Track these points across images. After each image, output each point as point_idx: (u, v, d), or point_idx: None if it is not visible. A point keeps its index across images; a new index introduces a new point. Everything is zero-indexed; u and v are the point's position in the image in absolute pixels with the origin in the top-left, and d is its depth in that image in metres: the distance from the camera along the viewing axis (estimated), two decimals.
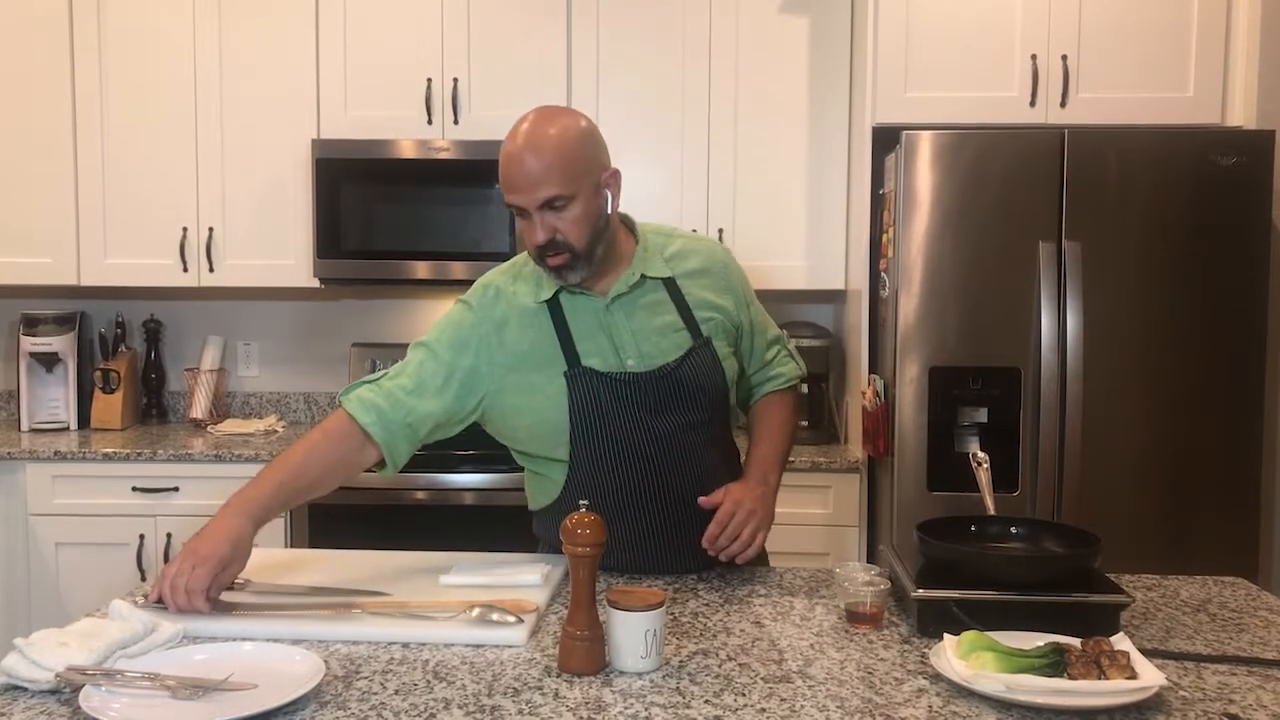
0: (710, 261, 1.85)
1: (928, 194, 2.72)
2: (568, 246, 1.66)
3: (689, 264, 1.82)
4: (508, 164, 1.64)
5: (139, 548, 3.05)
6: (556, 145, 1.63)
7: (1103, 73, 2.91)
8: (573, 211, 1.64)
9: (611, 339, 1.73)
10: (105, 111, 3.33)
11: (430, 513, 3.03)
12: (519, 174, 1.63)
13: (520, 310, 1.75)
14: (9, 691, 1.26)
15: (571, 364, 1.71)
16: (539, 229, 1.65)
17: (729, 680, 1.31)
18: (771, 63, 3.28)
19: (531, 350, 1.73)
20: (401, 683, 1.30)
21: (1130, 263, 2.71)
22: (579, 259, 1.67)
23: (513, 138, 1.65)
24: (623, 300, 1.75)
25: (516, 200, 1.65)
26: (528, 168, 1.62)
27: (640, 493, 1.74)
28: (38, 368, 3.46)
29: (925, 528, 1.59)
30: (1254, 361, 2.71)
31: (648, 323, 1.75)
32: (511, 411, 1.75)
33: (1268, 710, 1.23)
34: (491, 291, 1.78)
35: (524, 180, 1.62)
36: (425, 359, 1.74)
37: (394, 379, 1.73)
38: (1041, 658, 1.26)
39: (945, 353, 2.73)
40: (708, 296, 1.81)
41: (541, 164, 1.62)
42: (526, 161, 1.62)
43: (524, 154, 1.62)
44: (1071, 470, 2.70)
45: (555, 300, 1.74)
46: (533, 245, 1.67)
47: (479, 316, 1.76)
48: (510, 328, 1.74)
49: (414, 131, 3.28)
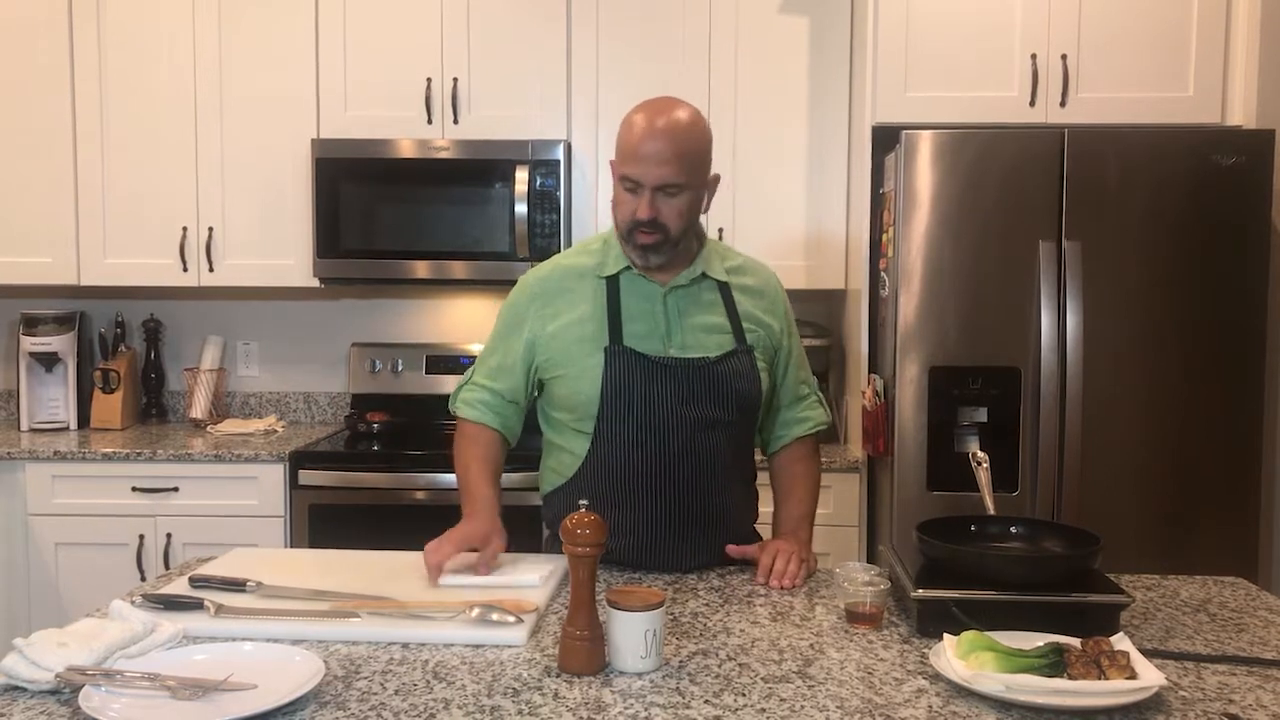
0: (765, 284, 1.93)
1: (928, 194, 2.72)
2: (664, 230, 1.73)
3: (746, 279, 1.90)
4: (639, 138, 1.70)
5: (139, 548, 3.05)
6: (689, 136, 1.71)
7: (1102, 72, 2.91)
8: (681, 200, 1.73)
9: (659, 326, 1.79)
10: (105, 111, 3.33)
11: (430, 513, 3.03)
12: (649, 150, 1.69)
13: (579, 282, 1.83)
14: (9, 692, 1.26)
15: (614, 340, 1.77)
16: (647, 205, 1.71)
17: (729, 680, 1.31)
18: (771, 63, 3.28)
19: (579, 321, 1.80)
20: (401, 683, 1.30)
21: (1130, 263, 2.71)
22: (667, 244, 1.75)
23: (648, 115, 1.71)
24: (680, 292, 1.82)
25: (635, 173, 1.71)
26: (659, 148, 1.69)
27: (655, 478, 1.77)
28: (38, 368, 3.46)
29: (925, 528, 1.59)
30: (1254, 361, 2.71)
31: (697, 318, 1.81)
32: (551, 375, 1.83)
33: (1268, 710, 1.23)
34: (549, 267, 1.89)
35: (651, 158, 1.69)
36: (495, 343, 1.88)
37: (480, 371, 1.89)
38: (1041, 658, 1.26)
39: (945, 353, 2.73)
40: (756, 312, 1.87)
41: (672, 149, 1.69)
42: (659, 141, 1.69)
43: (659, 134, 1.69)
44: (1071, 470, 2.70)
45: (615, 279, 1.81)
46: (629, 219, 1.74)
47: (533, 290, 1.86)
48: (565, 297, 1.83)
49: (414, 131, 3.29)
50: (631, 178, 1.72)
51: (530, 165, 3.20)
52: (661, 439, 1.76)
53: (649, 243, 1.75)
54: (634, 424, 1.76)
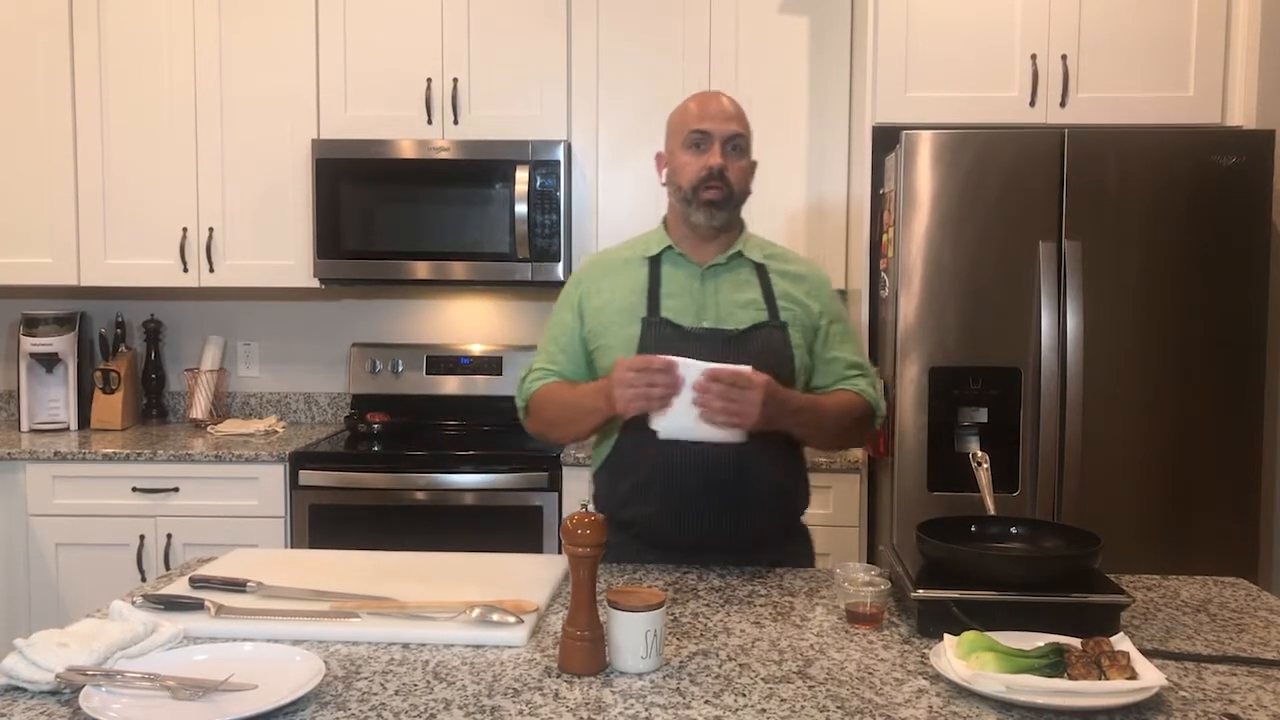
0: (808, 271, 1.98)
1: (928, 194, 2.72)
2: (729, 185, 1.85)
3: (787, 265, 1.96)
4: (703, 100, 1.89)
5: (139, 548, 3.05)
6: (738, 106, 1.91)
7: (1102, 73, 2.92)
8: (744, 160, 1.89)
9: (695, 301, 1.87)
10: (105, 111, 3.33)
11: (430, 513, 3.03)
12: (716, 107, 1.87)
13: (623, 263, 1.94)
14: (9, 692, 1.26)
15: (652, 311, 1.85)
16: (719, 153, 1.84)
17: (729, 680, 1.31)
18: (771, 63, 3.28)
19: (619, 296, 1.90)
20: (401, 683, 1.30)
21: (1130, 263, 2.71)
22: (730, 201, 1.87)
23: (703, 92, 1.93)
24: (716, 270, 1.90)
25: (708, 125, 1.85)
26: (725, 104, 1.88)
27: (682, 451, 1.78)
28: (38, 368, 3.46)
29: (925, 528, 1.59)
30: (1254, 361, 2.71)
31: (732, 295, 1.88)
32: (594, 346, 1.91)
33: (1268, 710, 1.23)
34: (597, 255, 2.04)
35: (720, 112, 1.87)
36: (552, 329, 1.98)
37: (539, 359, 1.97)
38: (1042, 658, 1.26)
39: (945, 353, 2.73)
40: (792, 292, 1.92)
41: (735, 108, 1.89)
42: (724, 100, 1.89)
43: (720, 96, 1.90)
44: (1071, 470, 2.71)
45: (658, 260, 1.91)
46: (696, 175, 1.84)
47: (578, 278, 1.99)
48: (611, 277, 1.93)
49: (414, 131, 3.29)
50: (702, 129, 1.84)
51: (530, 165, 3.20)
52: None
53: (715, 197, 1.84)
54: None
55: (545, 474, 3.01)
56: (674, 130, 1.90)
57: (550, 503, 3.01)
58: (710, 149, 1.84)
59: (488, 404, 3.56)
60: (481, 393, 3.57)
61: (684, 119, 1.88)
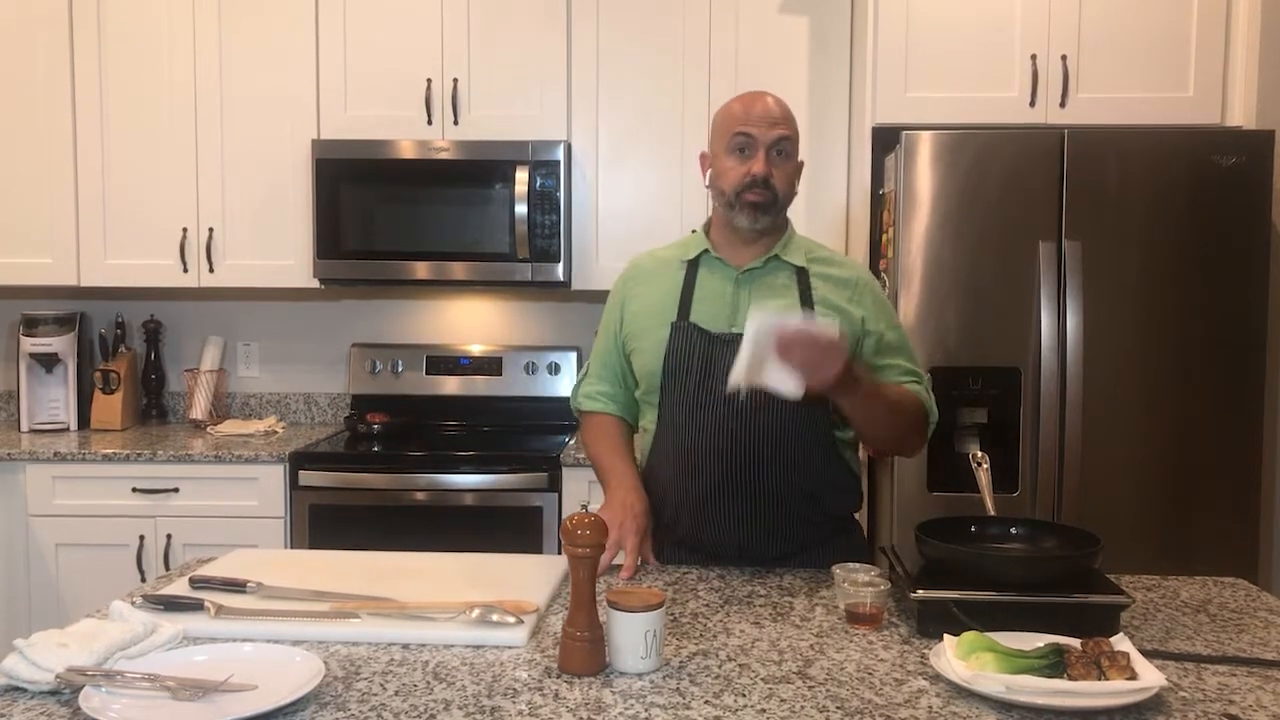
0: (852, 276, 1.90)
1: (928, 194, 2.72)
2: (773, 189, 1.80)
3: (831, 270, 1.89)
4: (749, 101, 1.82)
5: (139, 548, 3.05)
6: (787, 107, 1.84)
7: (1102, 73, 2.92)
8: (790, 163, 1.83)
9: (729, 306, 1.84)
10: (105, 111, 3.33)
11: (430, 513, 3.03)
12: (762, 109, 1.80)
13: (663, 266, 1.92)
14: (9, 693, 1.26)
15: (681, 316, 1.84)
16: (763, 161, 1.78)
17: (729, 680, 1.31)
18: (771, 63, 3.28)
19: (654, 299, 1.88)
20: (401, 684, 1.30)
21: (1130, 263, 2.71)
22: (774, 205, 1.81)
23: (748, 93, 1.85)
24: (752, 274, 1.86)
25: (752, 129, 1.79)
26: (770, 105, 1.81)
27: (713, 452, 1.79)
28: (38, 368, 3.46)
29: (925, 528, 1.59)
30: (1254, 361, 2.71)
31: (766, 300, 1.83)
32: (629, 350, 1.91)
33: (1268, 710, 1.23)
34: (642, 258, 2.00)
35: (765, 115, 1.80)
36: (601, 335, 1.98)
37: (593, 366, 1.99)
38: (1041, 658, 1.26)
39: (945, 353, 2.73)
40: (833, 299, 1.85)
41: (781, 109, 1.82)
42: (769, 101, 1.81)
43: (766, 97, 1.82)
44: (1071, 470, 2.71)
45: (695, 263, 1.88)
46: (739, 181, 1.79)
47: (624, 276, 1.98)
48: (650, 281, 1.92)
49: (414, 132, 3.29)
50: (746, 133, 1.79)
51: (530, 165, 3.20)
52: (719, 414, 1.79)
53: (759, 200, 1.79)
54: (692, 397, 1.81)
55: (545, 474, 3.01)
56: (718, 132, 1.84)
57: (550, 503, 3.01)
58: (755, 154, 1.79)
59: (488, 404, 3.56)
60: (481, 393, 3.57)
61: (728, 121, 1.82)
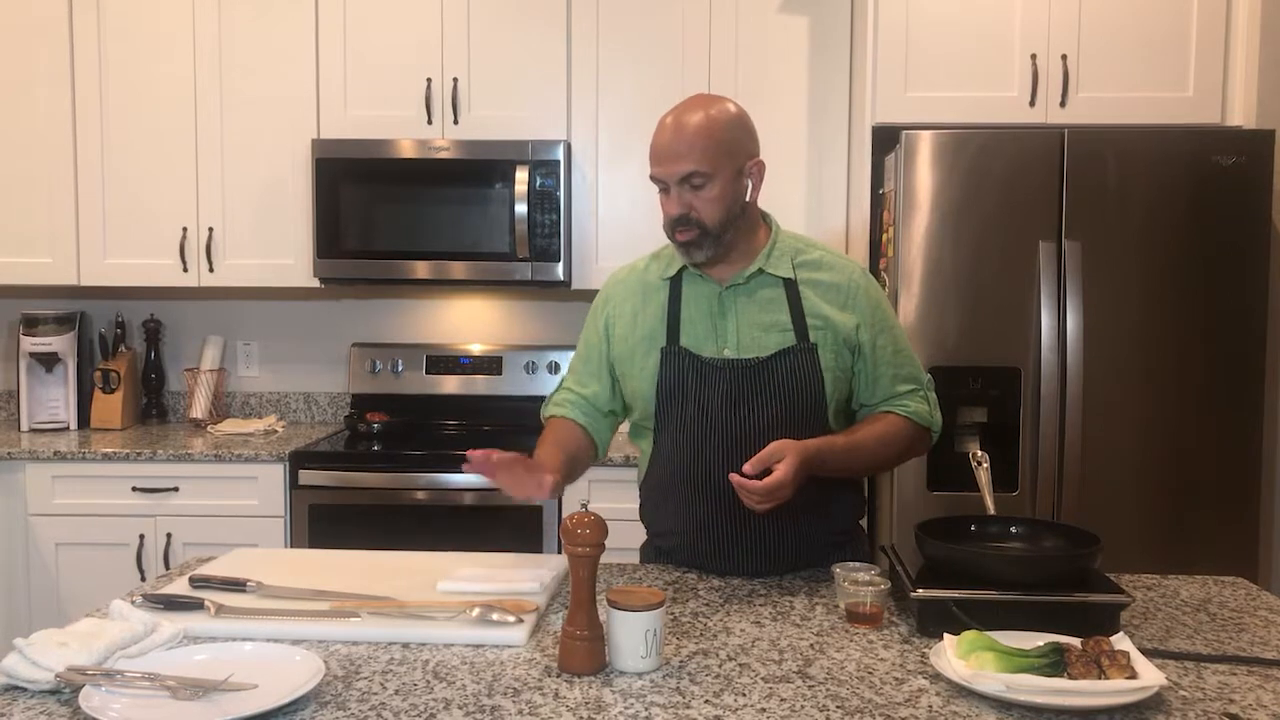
0: (841, 279, 1.82)
1: (928, 194, 2.72)
2: (699, 224, 1.73)
3: (818, 275, 1.82)
4: (656, 138, 1.74)
5: (139, 548, 3.05)
6: (702, 126, 1.71)
7: (1102, 73, 2.91)
8: (710, 191, 1.72)
9: (715, 326, 1.79)
10: (105, 111, 3.33)
11: (430, 513, 3.03)
12: (665, 147, 1.72)
13: (646, 285, 1.87)
14: (9, 692, 1.26)
15: (670, 341, 1.80)
16: (675, 203, 1.73)
17: (729, 680, 1.31)
18: (771, 63, 3.28)
19: (641, 322, 1.84)
20: (401, 683, 1.30)
21: (1130, 263, 2.71)
22: (707, 237, 1.74)
23: (672, 113, 1.75)
24: (737, 290, 1.80)
25: (658, 172, 1.74)
26: (674, 142, 1.71)
27: (708, 479, 1.76)
28: (38, 368, 3.46)
29: (925, 528, 1.59)
30: (1254, 361, 2.71)
31: (755, 317, 1.79)
32: (620, 374, 1.87)
33: (1268, 710, 1.23)
34: (624, 271, 1.94)
35: (667, 154, 1.72)
36: (581, 348, 1.94)
37: (569, 379, 1.93)
38: (1041, 658, 1.26)
39: (945, 352, 2.73)
40: (823, 308, 1.79)
41: (685, 142, 1.71)
42: (675, 135, 1.72)
43: (676, 128, 1.72)
44: (1071, 470, 2.71)
45: (678, 279, 1.83)
46: (667, 219, 1.76)
47: (605, 295, 1.92)
48: (635, 299, 1.87)
49: (414, 131, 3.28)
50: (658, 178, 1.75)
51: (530, 165, 3.20)
52: (713, 440, 1.76)
53: (687, 239, 1.74)
54: (687, 425, 1.78)
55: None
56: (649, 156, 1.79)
57: (550, 502, 3.01)
58: (669, 195, 1.74)
59: (487, 404, 3.56)
60: (481, 392, 3.57)
61: (650, 153, 1.75)
